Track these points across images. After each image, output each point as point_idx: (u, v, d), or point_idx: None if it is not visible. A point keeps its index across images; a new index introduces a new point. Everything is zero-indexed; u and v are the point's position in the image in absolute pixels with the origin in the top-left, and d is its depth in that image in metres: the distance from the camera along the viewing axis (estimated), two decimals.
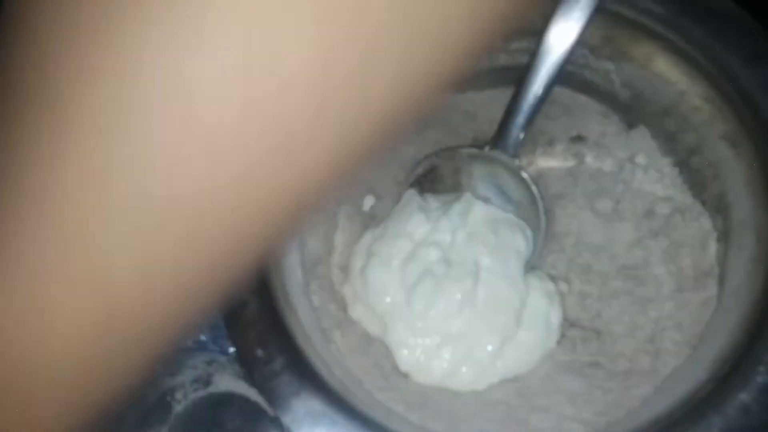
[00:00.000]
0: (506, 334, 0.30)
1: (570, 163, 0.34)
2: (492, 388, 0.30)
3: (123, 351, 0.12)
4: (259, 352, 0.23)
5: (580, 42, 0.27)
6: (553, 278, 0.32)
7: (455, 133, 0.35)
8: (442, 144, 0.35)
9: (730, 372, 0.21)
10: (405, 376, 0.30)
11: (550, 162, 0.34)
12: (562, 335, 0.31)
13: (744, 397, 0.21)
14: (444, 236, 0.32)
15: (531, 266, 0.32)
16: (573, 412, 0.27)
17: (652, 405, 0.25)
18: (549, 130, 0.34)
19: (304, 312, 0.28)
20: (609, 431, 0.25)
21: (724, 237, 0.27)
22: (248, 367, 0.23)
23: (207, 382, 0.35)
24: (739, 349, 0.22)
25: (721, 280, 0.27)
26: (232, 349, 0.27)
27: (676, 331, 0.28)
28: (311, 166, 0.11)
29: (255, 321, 0.23)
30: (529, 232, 0.32)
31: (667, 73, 0.28)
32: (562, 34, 0.26)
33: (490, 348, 0.30)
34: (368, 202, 0.34)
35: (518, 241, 0.32)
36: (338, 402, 0.23)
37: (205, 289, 0.12)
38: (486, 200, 0.33)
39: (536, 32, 0.27)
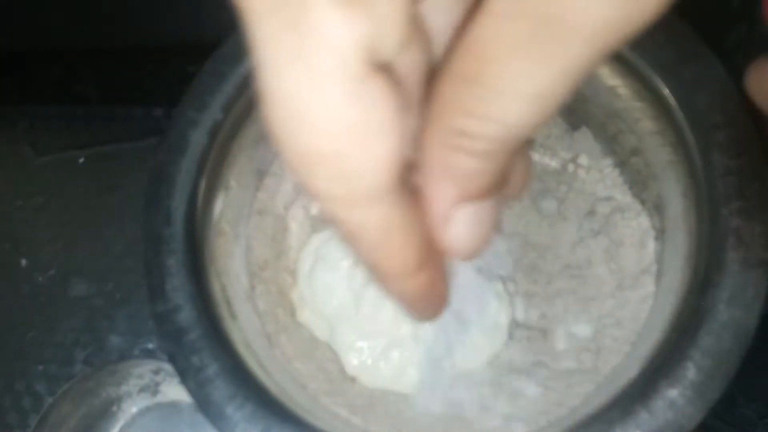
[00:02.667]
0: (455, 335, 0.30)
1: None
2: None
3: None
4: (194, 359, 0.23)
5: None
6: (501, 278, 0.32)
7: None
8: None
9: (660, 368, 0.22)
10: (352, 380, 0.30)
11: None
12: (509, 335, 0.31)
13: (671, 393, 0.21)
14: None
15: (479, 266, 0.32)
16: (516, 411, 0.27)
17: (591, 403, 0.25)
18: None
19: (247, 317, 0.28)
20: (549, 430, 0.25)
21: (661, 235, 0.28)
22: (182, 375, 0.22)
23: (154, 392, 0.34)
24: (670, 345, 0.22)
25: (659, 277, 0.27)
26: None
27: (616, 329, 0.28)
28: None
29: (189, 327, 0.23)
30: None
31: (605, 76, 0.29)
32: None
33: (438, 350, 0.30)
34: (317, 205, 0.34)
35: None
36: (275, 407, 0.23)
37: None
38: None
39: None
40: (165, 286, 0.24)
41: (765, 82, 0.16)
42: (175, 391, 0.33)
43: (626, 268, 0.29)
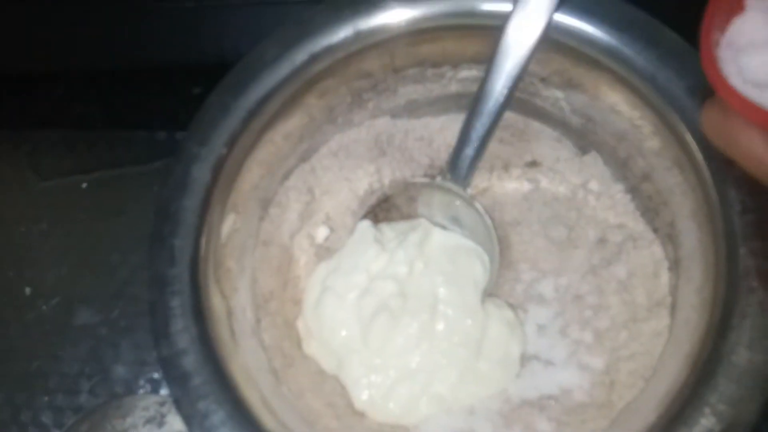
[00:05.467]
0: (465, 367, 0.30)
1: (525, 188, 0.33)
2: None
3: None
4: (200, 405, 0.22)
5: (529, 72, 0.27)
6: (511, 307, 0.32)
7: (411, 159, 0.35)
8: (397, 170, 0.35)
9: (678, 413, 0.21)
10: (360, 414, 0.29)
11: (506, 187, 0.34)
12: (521, 366, 0.30)
13: None
14: (401, 268, 0.31)
15: (488, 294, 0.31)
16: None
17: None
18: (504, 155, 0.34)
19: (253, 352, 0.28)
20: None
21: (675, 266, 0.27)
22: (188, 422, 0.22)
23: (160, 423, 0.34)
24: (687, 388, 0.22)
25: (673, 310, 0.27)
26: None
27: (630, 362, 0.27)
28: None
29: (194, 371, 0.23)
30: (486, 258, 0.31)
31: (616, 102, 0.28)
32: (506, 67, 0.26)
33: (448, 382, 0.29)
34: (322, 233, 0.33)
35: (476, 269, 0.31)
36: None
37: None
38: (442, 228, 0.32)
39: (485, 61, 0.27)
40: (169, 329, 0.23)
41: (715, 120, 0.17)
42: (180, 422, 0.33)
43: (639, 299, 0.28)
